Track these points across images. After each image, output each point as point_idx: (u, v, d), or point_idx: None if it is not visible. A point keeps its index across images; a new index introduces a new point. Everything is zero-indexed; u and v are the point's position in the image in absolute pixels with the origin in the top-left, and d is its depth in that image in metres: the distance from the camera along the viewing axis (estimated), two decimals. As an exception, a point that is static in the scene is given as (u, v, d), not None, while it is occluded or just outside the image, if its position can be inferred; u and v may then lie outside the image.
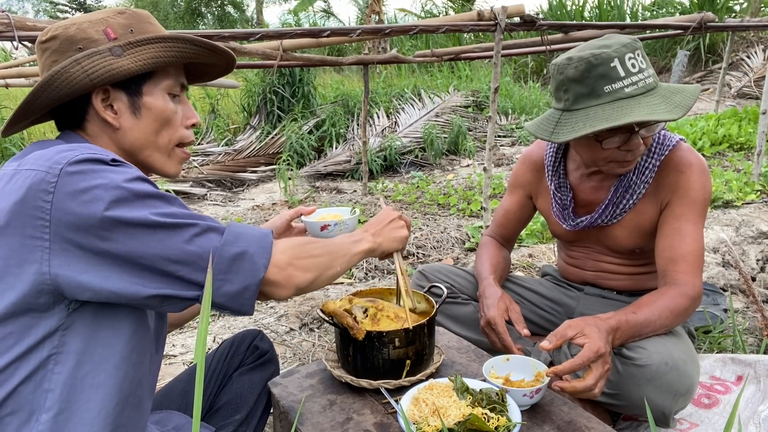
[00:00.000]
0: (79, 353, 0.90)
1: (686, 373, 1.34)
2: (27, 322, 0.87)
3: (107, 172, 0.87)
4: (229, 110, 8.12)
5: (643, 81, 1.34)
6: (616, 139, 1.39)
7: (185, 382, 1.39)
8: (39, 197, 0.83)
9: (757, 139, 4.39)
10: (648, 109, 1.30)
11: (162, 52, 1.01)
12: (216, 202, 5.40)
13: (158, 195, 0.91)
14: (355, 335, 1.28)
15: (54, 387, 0.89)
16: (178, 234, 0.89)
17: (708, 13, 4.37)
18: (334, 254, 1.09)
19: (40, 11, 25.08)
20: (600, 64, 1.33)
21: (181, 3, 22.56)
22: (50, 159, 0.86)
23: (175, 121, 1.07)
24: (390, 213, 1.26)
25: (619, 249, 1.63)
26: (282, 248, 0.99)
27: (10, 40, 2.44)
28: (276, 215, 1.41)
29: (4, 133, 1.05)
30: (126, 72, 0.97)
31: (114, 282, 0.87)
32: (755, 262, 2.97)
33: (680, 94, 1.34)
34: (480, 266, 1.74)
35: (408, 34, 3.66)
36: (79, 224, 0.84)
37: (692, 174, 1.47)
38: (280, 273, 0.97)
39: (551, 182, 1.68)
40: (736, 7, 11.70)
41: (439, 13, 15.78)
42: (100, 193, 0.84)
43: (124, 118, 1.02)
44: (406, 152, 6.66)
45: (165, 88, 1.05)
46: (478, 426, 1.07)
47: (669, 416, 1.37)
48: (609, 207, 1.56)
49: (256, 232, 0.98)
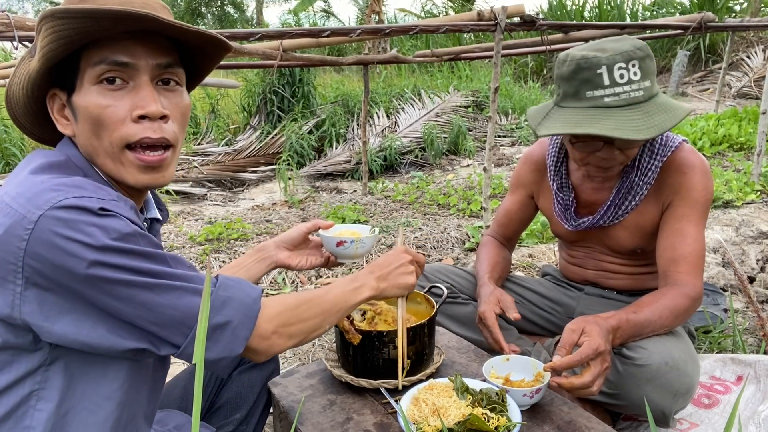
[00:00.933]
0: (62, 390, 0.86)
1: (686, 373, 1.35)
2: (7, 358, 0.84)
3: (92, 225, 0.78)
4: (229, 110, 8.12)
5: (627, 93, 1.32)
6: (587, 145, 1.41)
7: (185, 381, 1.39)
8: (13, 242, 0.77)
9: (757, 139, 4.39)
10: (612, 124, 1.29)
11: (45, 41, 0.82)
12: (216, 202, 5.40)
13: (145, 253, 0.83)
14: (350, 339, 1.28)
15: (35, 425, 0.84)
16: (160, 295, 0.83)
17: (708, 13, 4.37)
18: (328, 313, 1.02)
19: (40, 11, 25.07)
20: (587, 68, 1.33)
21: (181, 3, 22.55)
22: (32, 200, 0.78)
23: (108, 116, 0.87)
24: (400, 256, 1.18)
25: (620, 249, 1.63)
26: (270, 314, 0.93)
27: (10, 40, 2.44)
28: (293, 228, 1.39)
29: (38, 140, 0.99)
30: (35, 73, 0.85)
31: (87, 333, 0.81)
32: (755, 262, 2.97)
33: (665, 114, 1.32)
34: (478, 266, 1.74)
35: (408, 34, 3.66)
36: (55, 274, 0.78)
37: (695, 175, 1.47)
38: (261, 343, 0.92)
39: (553, 182, 1.68)
40: (736, 7, 11.70)
41: (439, 13, 15.78)
42: (80, 250, 0.77)
43: (73, 123, 0.91)
44: (406, 152, 6.65)
45: (91, 78, 0.86)
46: (478, 426, 1.07)
47: (669, 416, 1.37)
48: (611, 208, 1.56)
49: (245, 297, 0.90)
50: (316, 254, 1.40)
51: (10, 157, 5.74)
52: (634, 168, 1.53)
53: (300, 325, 0.97)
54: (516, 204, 1.82)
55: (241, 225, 4.25)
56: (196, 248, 3.74)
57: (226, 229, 4.06)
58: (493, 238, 1.87)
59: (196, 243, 3.88)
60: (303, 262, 1.37)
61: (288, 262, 1.34)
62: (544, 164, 1.73)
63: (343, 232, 1.38)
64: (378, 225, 4.09)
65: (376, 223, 4.21)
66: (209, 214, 4.92)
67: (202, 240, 3.90)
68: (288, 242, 1.36)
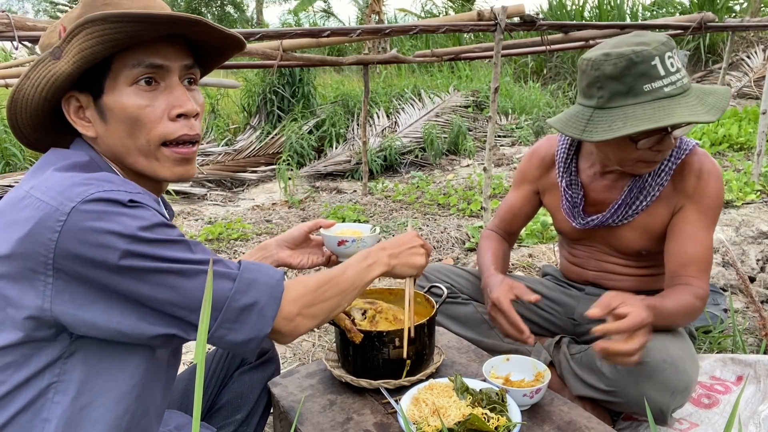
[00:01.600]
0: (80, 383, 0.87)
1: (684, 371, 1.35)
2: (28, 351, 0.85)
3: (122, 216, 0.81)
4: (229, 110, 8.12)
5: (680, 81, 1.32)
6: (652, 139, 1.37)
7: (186, 381, 1.39)
8: (45, 234, 0.79)
9: (757, 139, 4.39)
10: (688, 110, 1.29)
11: (88, 43, 0.84)
12: (216, 202, 5.40)
13: (173, 241, 0.86)
14: (352, 338, 1.28)
15: (52, 417, 0.86)
16: (190, 280, 0.85)
17: (708, 13, 4.37)
18: (346, 291, 1.05)
19: (40, 11, 25.08)
20: (641, 61, 1.30)
21: (181, 3, 22.56)
22: (63, 193, 0.80)
23: (147, 116, 0.90)
24: (413, 238, 1.21)
25: (625, 250, 1.62)
26: (293, 296, 0.96)
27: (10, 40, 2.44)
28: (294, 227, 1.39)
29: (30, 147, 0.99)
30: (64, 76, 0.86)
31: (119, 320, 0.84)
32: (755, 262, 2.97)
33: (713, 96, 1.33)
34: (482, 259, 1.73)
35: (408, 34, 3.66)
36: (87, 263, 0.80)
37: (711, 180, 1.47)
38: (287, 324, 0.94)
39: (562, 179, 1.67)
40: (736, 7, 11.69)
41: (439, 13, 15.77)
42: (113, 240, 0.80)
43: (97, 124, 0.92)
44: (406, 152, 6.65)
45: (127, 80, 0.89)
46: (478, 426, 1.07)
47: (667, 413, 1.37)
48: (621, 207, 1.55)
49: (269, 279, 0.94)
50: (318, 253, 1.40)
51: (10, 157, 5.73)
52: None
53: (322, 305, 1.00)
54: (520, 199, 1.81)
55: (241, 225, 4.25)
56: (196, 248, 3.74)
57: (226, 229, 4.06)
58: (494, 232, 1.86)
59: (196, 243, 3.88)
60: (304, 261, 1.37)
61: (289, 260, 1.35)
62: (552, 160, 1.72)
63: (344, 231, 1.38)
64: (378, 225, 4.10)
65: (376, 223, 4.21)
66: (209, 214, 4.92)
67: (202, 240, 3.90)
68: (289, 241, 1.37)
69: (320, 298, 1.00)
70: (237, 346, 0.90)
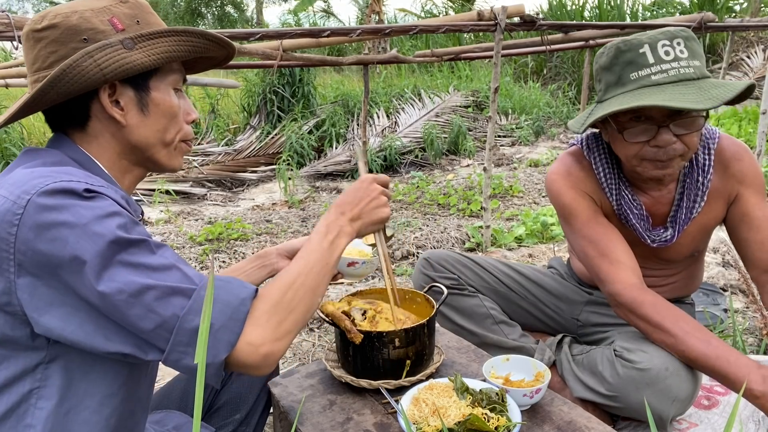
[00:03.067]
0: (63, 388, 0.86)
1: (686, 379, 1.33)
2: (4, 352, 0.84)
3: (76, 206, 0.80)
4: (229, 110, 8.12)
5: (676, 70, 1.23)
6: (637, 130, 1.29)
7: (185, 381, 1.39)
8: (4, 228, 0.78)
9: (757, 139, 4.39)
10: (668, 96, 1.19)
11: (174, 46, 0.96)
12: (216, 202, 5.40)
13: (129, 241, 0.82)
14: (352, 339, 1.28)
15: (36, 423, 0.85)
16: (141, 294, 0.80)
17: (708, 13, 4.37)
18: (316, 287, 0.96)
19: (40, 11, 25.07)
20: (628, 50, 1.26)
21: (181, 3, 22.55)
22: (21, 186, 0.81)
23: (179, 117, 1.02)
24: (369, 188, 1.11)
25: (676, 258, 1.52)
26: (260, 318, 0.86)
27: (10, 40, 2.44)
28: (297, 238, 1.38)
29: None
30: (139, 66, 0.92)
31: (73, 330, 0.81)
32: (755, 262, 2.96)
33: (721, 88, 1.22)
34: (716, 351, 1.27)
35: (408, 34, 3.66)
36: (44, 261, 0.79)
37: (751, 160, 1.44)
38: (254, 352, 0.84)
39: (620, 198, 1.47)
40: (736, 7, 11.70)
41: (439, 13, 15.77)
42: (65, 233, 0.78)
43: (131, 114, 0.96)
44: (406, 152, 6.66)
45: (171, 83, 1.00)
46: (478, 426, 1.07)
47: (666, 421, 1.35)
48: (685, 213, 1.45)
49: (232, 298, 0.85)
50: None
51: (10, 157, 5.74)
52: (693, 166, 1.43)
53: (294, 317, 0.91)
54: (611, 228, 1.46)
55: (241, 225, 4.25)
56: (196, 248, 3.74)
57: (226, 229, 4.06)
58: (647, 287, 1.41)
59: (196, 243, 3.88)
60: None
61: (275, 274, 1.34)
62: (591, 177, 1.49)
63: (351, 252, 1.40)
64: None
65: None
66: (209, 214, 4.92)
67: (202, 240, 3.90)
68: (291, 252, 1.36)
69: (290, 307, 0.91)
70: (194, 371, 0.82)
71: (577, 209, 1.48)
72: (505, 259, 3.26)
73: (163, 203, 5.17)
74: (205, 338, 0.48)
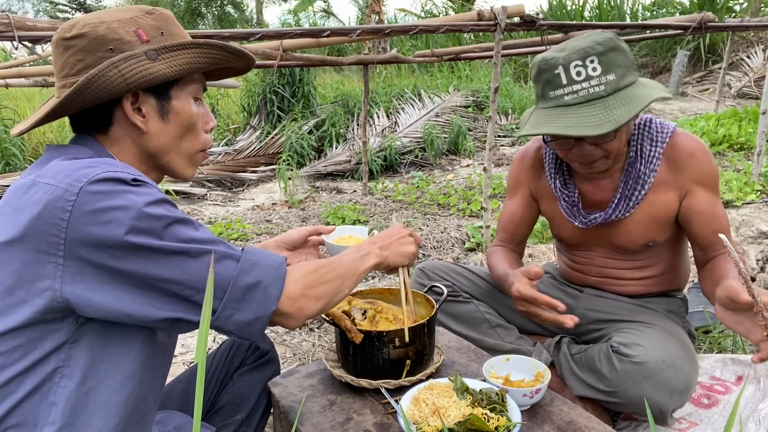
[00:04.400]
0: (85, 368, 0.89)
1: (683, 370, 1.35)
2: (35, 335, 0.87)
3: (128, 193, 0.86)
4: (229, 110, 8.12)
5: (586, 90, 1.34)
6: (557, 144, 1.45)
7: (186, 382, 1.39)
8: (55, 215, 0.82)
9: (757, 139, 4.39)
10: (572, 122, 1.33)
11: (196, 58, 1.00)
12: (216, 202, 5.40)
13: (178, 219, 0.90)
14: (352, 338, 1.28)
15: (58, 401, 0.88)
16: (196, 260, 0.89)
17: (708, 13, 4.37)
18: (344, 276, 1.07)
19: (40, 11, 25.08)
20: (546, 69, 1.38)
21: (181, 3, 22.55)
22: (70, 176, 0.85)
23: (198, 125, 1.06)
24: (400, 229, 1.25)
25: (631, 246, 1.60)
26: (295, 278, 0.99)
27: (10, 40, 2.44)
28: (294, 229, 1.41)
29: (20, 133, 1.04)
30: (162, 77, 0.96)
31: (127, 303, 0.86)
32: (755, 262, 2.97)
33: (626, 107, 1.31)
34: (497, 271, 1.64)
35: (408, 34, 3.66)
36: (96, 244, 0.83)
37: (705, 157, 1.50)
38: (292, 305, 0.97)
39: (555, 181, 1.66)
40: (736, 7, 11.70)
41: (439, 13, 15.77)
42: (120, 216, 0.83)
43: (152, 122, 1.00)
44: (406, 152, 6.65)
45: (191, 93, 1.04)
46: (478, 426, 1.07)
47: (667, 413, 1.37)
48: (622, 200, 1.55)
49: (272, 261, 0.97)
50: (315, 255, 1.42)
51: (10, 157, 5.74)
52: (637, 157, 1.52)
53: (323, 287, 1.03)
54: (519, 206, 1.78)
55: (241, 225, 4.25)
56: (196, 248, 3.74)
57: (226, 229, 4.06)
58: (499, 246, 1.81)
59: (196, 243, 3.88)
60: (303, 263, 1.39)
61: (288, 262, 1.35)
62: (541, 162, 1.71)
63: (345, 238, 1.42)
64: (378, 225, 4.10)
65: (377, 223, 4.21)
66: (209, 214, 4.92)
67: (202, 240, 3.90)
68: (288, 243, 1.37)
69: (321, 280, 1.03)
70: (243, 326, 0.92)
71: (510, 182, 1.81)
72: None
73: (163, 203, 5.17)
74: (205, 337, 0.48)
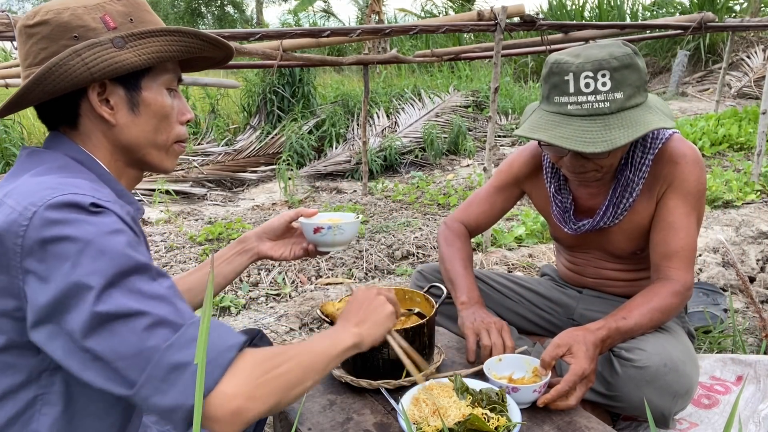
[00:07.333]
0: (67, 395, 0.86)
1: (685, 374, 1.34)
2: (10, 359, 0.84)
3: (82, 222, 0.79)
4: (229, 110, 8.12)
5: (590, 104, 1.30)
6: (551, 149, 1.41)
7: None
8: (10, 239, 0.78)
9: (757, 139, 4.39)
10: (569, 133, 1.29)
11: (167, 46, 0.94)
12: (216, 202, 5.40)
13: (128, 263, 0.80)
14: None
15: (41, 429, 0.85)
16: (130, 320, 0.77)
17: (708, 13, 4.37)
18: (308, 368, 0.89)
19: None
20: (557, 73, 1.33)
21: (181, 3, 22.56)
22: (29, 197, 0.80)
23: (172, 117, 1.01)
24: (366, 294, 1.10)
25: (620, 253, 1.60)
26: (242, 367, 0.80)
27: (10, 40, 2.44)
28: (276, 215, 1.35)
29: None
30: (129, 66, 0.90)
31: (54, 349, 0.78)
32: (755, 262, 2.97)
33: (625, 130, 1.28)
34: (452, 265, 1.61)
35: (408, 34, 3.66)
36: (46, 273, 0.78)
37: (686, 165, 1.43)
38: (223, 405, 0.77)
39: (550, 184, 1.65)
40: (736, 7, 11.70)
41: (439, 13, 15.77)
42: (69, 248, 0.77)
43: (121, 114, 0.95)
44: (406, 152, 6.65)
45: (164, 83, 0.99)
46: (478, 426, 1.07)
47: (668, 417, 1.37)
48: (609, 207, 1.53)
49: (221, 342, 0.80)
50: (302, 242, 1.34)
51: (10, 157, 5.74)
52: (628, 165, 1.49)
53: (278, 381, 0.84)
54: (502, 202, 1.74)
55: (241, 225, 4.25)
56: (196, 248, 3.74)
57: (226, 229, 4.06)
58: (463, 227, 1.74)
59: (196, 243, 3.88)
60: (286, 253, 1.32)
61: (270, 253, 1.30)
62: (540, 162, 1.68)
63: (325, 220, 1.29)
64: (378, 225, 4.09)
65: (377, 223, 4.21)
66: (209, 214, 4.92)
67: (202, 240, 3.90)
68: (270, 232, 1.32)
69: (276, 372, 0.83)
70: (165, 413, 0.77)
71: (505, 168, 1.74)
72: (505, 259, 3.26)
73: (163, 203, 5.17)
74: (205, 336, 0.48)
